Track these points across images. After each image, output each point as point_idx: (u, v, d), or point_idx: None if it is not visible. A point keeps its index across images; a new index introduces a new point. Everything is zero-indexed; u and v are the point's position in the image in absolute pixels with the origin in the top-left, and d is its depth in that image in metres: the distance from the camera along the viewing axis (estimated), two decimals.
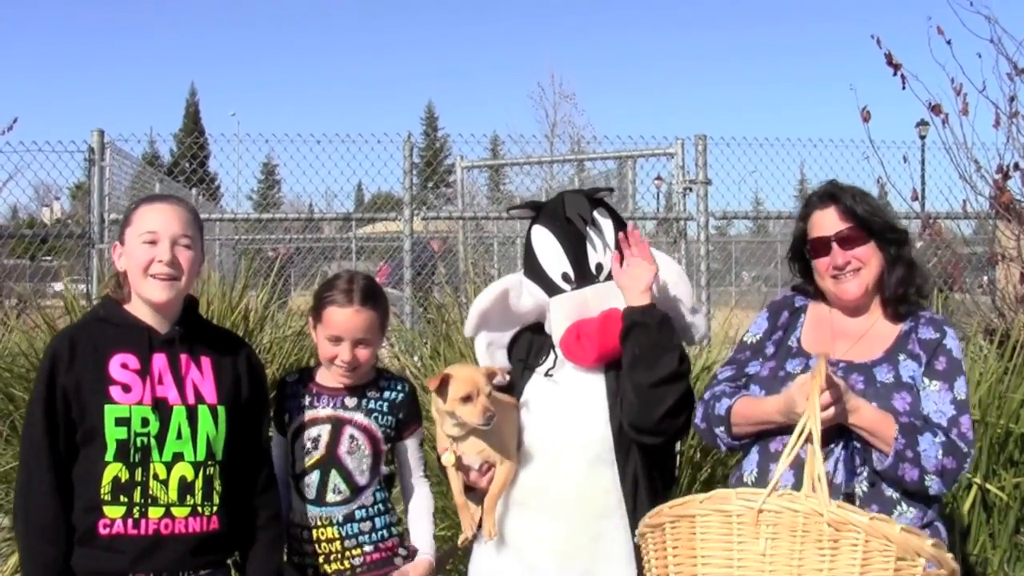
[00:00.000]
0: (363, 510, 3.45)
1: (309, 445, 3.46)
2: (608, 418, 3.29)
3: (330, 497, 3.43)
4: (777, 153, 10.62)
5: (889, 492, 3.07)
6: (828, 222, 3.30)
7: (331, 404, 3.49)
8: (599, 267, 3.40)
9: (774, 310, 3.50)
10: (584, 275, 3.40)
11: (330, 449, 3.44)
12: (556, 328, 3.38)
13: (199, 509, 3.11)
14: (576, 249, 3.41)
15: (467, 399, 3.20)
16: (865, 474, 3.07)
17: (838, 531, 2.53)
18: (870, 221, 3.27)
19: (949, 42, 7.19)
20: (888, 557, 2.50)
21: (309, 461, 3.45)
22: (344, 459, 3.44)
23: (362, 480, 3.45)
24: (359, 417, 3.47)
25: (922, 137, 11.80)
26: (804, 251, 3.40)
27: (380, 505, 3.49)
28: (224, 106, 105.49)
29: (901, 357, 3.21)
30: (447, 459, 3.32)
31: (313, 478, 3.44)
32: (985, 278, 8.12)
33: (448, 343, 6.35)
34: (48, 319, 6.48)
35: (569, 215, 3.42)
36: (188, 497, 3.09)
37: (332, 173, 10.71)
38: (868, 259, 3.26)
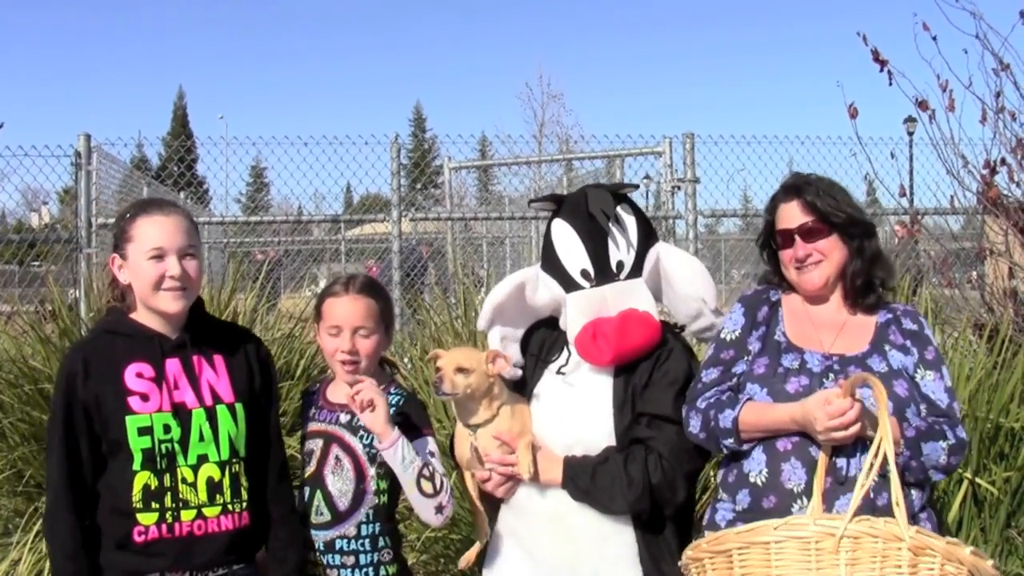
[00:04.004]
0: (345, 541, 3.34)
1: (306, 458, 3.43)
2: (613, 422, 3.27)
3: (314, 517, 3.36)
4: (765, 151, 10.63)
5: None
6: (791, 215, 3.36)
7: (328, 419, 3.43)
8: (620, 265, 3.35)
9: (749, 305, 3.45)
10: (604, 273, 3.34)
11: (319, 466, 3.38)
12: (571, 325, 3.34)
13: (229, 507, 3.16)
14: (597, 246, 3.35)
15: (437, 369, 3.25)
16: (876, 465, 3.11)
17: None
18: (832, 215, 3.32)
19: (935, 38, 7.20)
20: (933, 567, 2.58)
21: (305, 475, 3.41)
22: (327, 480, 3.36)
23: (342, 505, 3.34)
24: (346, 436, 3.38)
25: (910, 133, 11.85)
26: (772, 241, 3.46)
27: (366, 541, 3.35)
28: (212, 109, 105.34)
29: (887, 348, 3.27)
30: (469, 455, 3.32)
31: (305, 494, 3.40)
32: (974, 273, 8.14)
33: (438, 344, 6.34)
34: (36, 325, 6.44)
35: (592, 211, 3.35)
36: (217, 496, 3.14)
37: (320, 175, 10.71)
38: (830, 252, 3.32)
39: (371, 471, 3.36)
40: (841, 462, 3.07)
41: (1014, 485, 5.22)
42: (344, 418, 3.41)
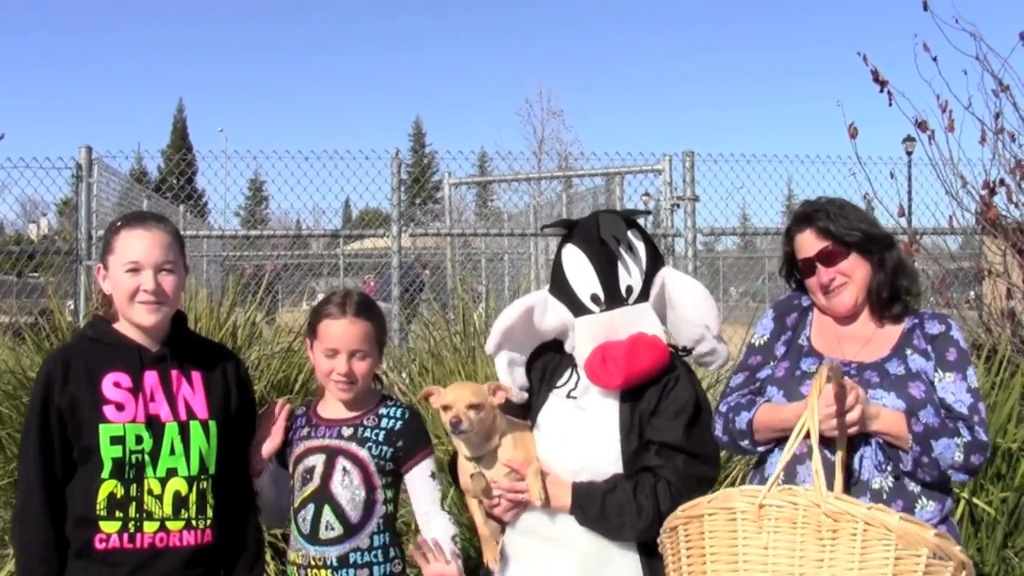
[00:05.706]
0: (359, 553, 3.33)
1: (305, 476, 3.39)
2: (620, 448, 3.28)
3: (323, 534, 3.33)
4: (764, 169, 10.66)
5: (911, 487, 3.17)
6: (807, 243, 3.41)
7: (327, 434, 3.41)
8: (629, 290, 3.36)
9: (780, 311, 3.55)
10: (614, 297, 3.35)
11: (324, 481, 3.35)
12: (581, 349, 3.35)
13: (194, 523, 3.17)
14: (608, 271, 3.36)
15: (446, 408, 3.24)
16: (889, 469, 3.15)
17: (836, 521, 2.58)
18: (847, 235, 3.36)
19: (935, 59, 7.23)
20: (888, 546, 2.54)
21: (304, 493, 3.38)
22: (336, 493, 3.34)
23: (354, 516, 3.33)
24: (353, 447, 3.37)
25: (909, 153, 11.85)
26: (795, 271, 3.52)
27: (379, 552, 3.36)
28: (212, 123, 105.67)
29: (908, 352, 3.31)
30: (475, 485, 3.28)
31: (308, 512, 3.36)
32: (972, 293, 8.14)
33: (436, 360, 6.34)
34: (35, 337, 6.45)
35: (603, 236, 3.37)
36: (183, 511, 3.15)
37: (320, 190, 10.70)
38: (852, 271, 3.36)
39: (380, 480, 3.37)
40: (855, 464, 3.12)
41: (1011, 505, 5.22)
42: (347, 431, 3.40)
